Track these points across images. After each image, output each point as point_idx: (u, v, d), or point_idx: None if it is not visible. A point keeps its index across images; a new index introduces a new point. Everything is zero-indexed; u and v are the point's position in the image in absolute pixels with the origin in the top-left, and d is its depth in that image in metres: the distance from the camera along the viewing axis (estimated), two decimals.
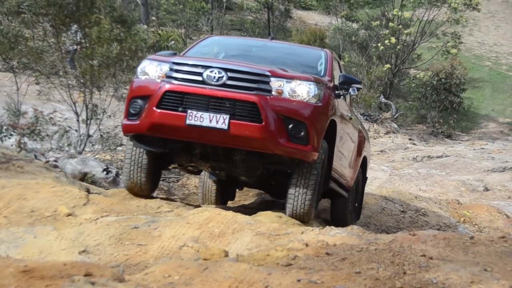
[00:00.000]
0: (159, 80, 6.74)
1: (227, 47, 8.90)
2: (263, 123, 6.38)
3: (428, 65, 27.96)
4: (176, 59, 6.91)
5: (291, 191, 6.90)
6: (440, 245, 5.12)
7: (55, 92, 11.96)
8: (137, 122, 6.75)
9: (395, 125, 25.03)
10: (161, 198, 7.85)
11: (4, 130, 9.90)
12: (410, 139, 24.06)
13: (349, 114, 8.57)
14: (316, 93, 6.72)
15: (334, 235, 5.66)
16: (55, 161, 9.98)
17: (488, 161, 19.30)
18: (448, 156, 19.86)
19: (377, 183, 15.97)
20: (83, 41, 12.20)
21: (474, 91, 30.97)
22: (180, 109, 6.51)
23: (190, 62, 6.80)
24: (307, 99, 6.66)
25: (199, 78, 6.59)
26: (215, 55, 8.45)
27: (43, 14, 11.82)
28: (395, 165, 18.46)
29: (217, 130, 6.38)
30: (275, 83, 6.58)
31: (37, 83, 12.47)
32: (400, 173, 17.30)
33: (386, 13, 28.67)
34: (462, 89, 27.34)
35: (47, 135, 10.53)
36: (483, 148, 22.04)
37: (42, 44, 12.24)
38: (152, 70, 6.86)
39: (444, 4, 26.94)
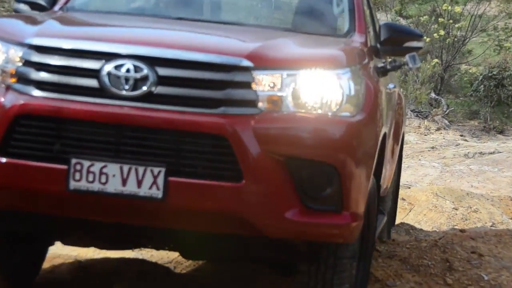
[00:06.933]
0: (3, 87, 3.06)
1: None
2: (244, 181, 2.91)
3: (480, 60, 27.53)
4: (38, 39, 3.10)
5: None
6: (491, 242, 5.08)
7: None
8: None
9: (446, 121, 24.72)
10: None
11: None
12: (461, 135, 23.72)
13: (393, 85, 4.63)
14: (353, 92, 3.14)
15: None
16: None
17: None
18: (500, 152, 19.52)
19: (428, 179, 15.80)
20: None
21: None
22: (53, 155, 2.94)
23: (70, 46, 3.06)
24: (336, 108, 3.08)
25: (93, 82, 2.98)
26: (124, 3, 4.41)
27: None
28: (446, 161, 18.24)
29: (140, 201, 2.91)
30: (264, 82, 3.02)
31: None
32: (451, 170, 17.08)
33: (436, 9, 28.36)
34: None
35: None
36: None
37: None
38: None
39: None
